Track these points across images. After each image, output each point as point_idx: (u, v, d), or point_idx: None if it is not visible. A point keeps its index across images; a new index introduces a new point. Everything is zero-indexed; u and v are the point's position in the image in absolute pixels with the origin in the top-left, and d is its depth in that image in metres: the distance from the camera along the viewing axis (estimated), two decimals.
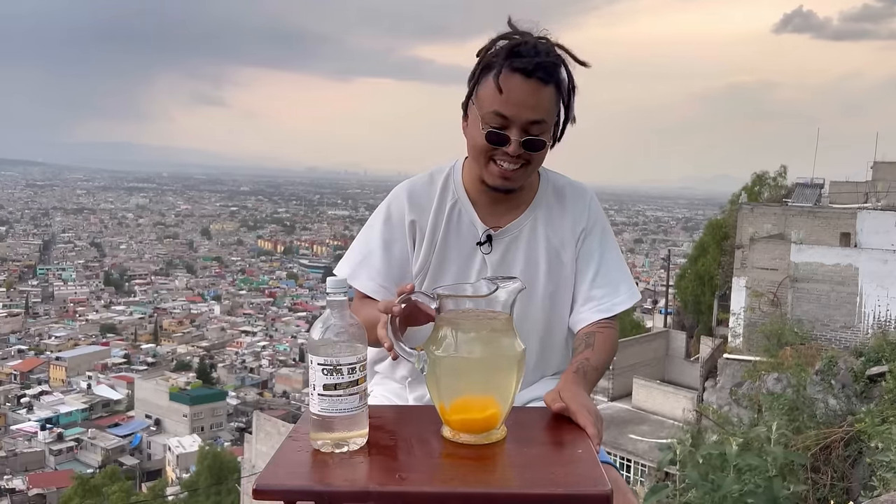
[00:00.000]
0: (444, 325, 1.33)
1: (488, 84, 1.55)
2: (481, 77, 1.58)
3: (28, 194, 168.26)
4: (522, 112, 1.54)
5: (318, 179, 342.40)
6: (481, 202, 1.72)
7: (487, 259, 1.70)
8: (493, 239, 1.71)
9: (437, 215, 1.73)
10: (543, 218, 1.74)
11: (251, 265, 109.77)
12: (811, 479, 4.89)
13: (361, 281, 1.73)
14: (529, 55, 1.53)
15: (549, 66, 1.54)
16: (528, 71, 1.52)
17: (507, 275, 1.63)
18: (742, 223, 23.00)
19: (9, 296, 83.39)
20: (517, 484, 1.23)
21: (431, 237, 1.72)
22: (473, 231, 1.72)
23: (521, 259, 1.71)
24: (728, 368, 16.37)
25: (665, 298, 32.50)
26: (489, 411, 1.32)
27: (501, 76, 1.52)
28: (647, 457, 17.26)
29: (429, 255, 1.72)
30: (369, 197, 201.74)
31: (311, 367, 1.30)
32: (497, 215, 1.72)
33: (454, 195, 1.74)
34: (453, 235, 1.72)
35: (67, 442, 48.33)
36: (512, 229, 1.72)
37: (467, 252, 1.72)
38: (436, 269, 1.72)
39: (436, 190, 1.75)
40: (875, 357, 9.58)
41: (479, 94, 1.59)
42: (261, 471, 1.23)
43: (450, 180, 1.76)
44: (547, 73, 1.54)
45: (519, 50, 1.53)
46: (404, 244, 1.73)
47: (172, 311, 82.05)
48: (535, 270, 1.72)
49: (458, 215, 1.73)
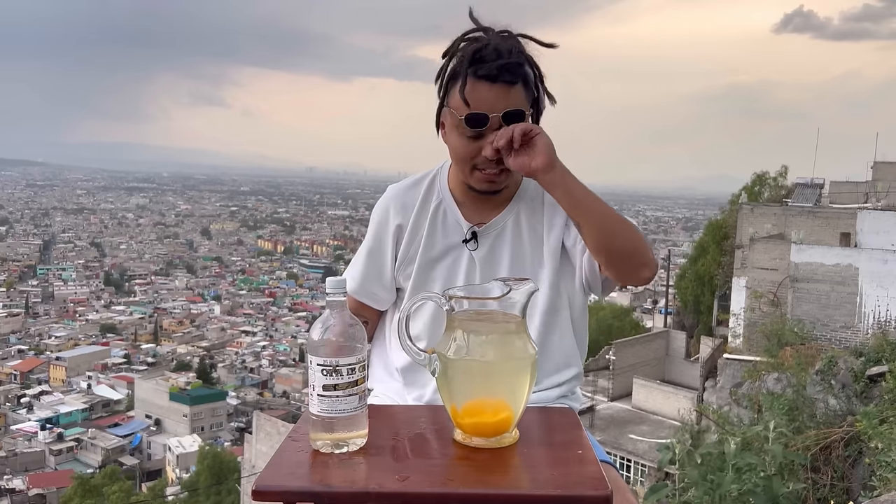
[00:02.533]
0: (455, 328, 1.33)
1: (457, 95, 1.57)
2: (449, 87, 1.61)
3: (28, 194, 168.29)
4: (494, 105, 1.55)
5: (318, 179, 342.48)
6: (466, 202, 1.75)
7: (474, 255, 1.73)
8: (478, 235, 1.74)
9: (420, 214, 1.76)
10: (526, 210, 1.75)
11: (251, 265, 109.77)
12: (811, 478, 4.89)
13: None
14: (491, 59, 1.54)
15: (512, 66, 1.55)
16: (493, 76, 1.54)
17: (494, 269, 1.68)
18: (742, 223, 23.00)
19: (9, 296, 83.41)
20: (517, 485, 1.23)
21: (414, 235, 1.76)
22: (459, 229, 1.75)
23: (507, 253, 1.73)
24: (728, 368, 16.37)
25: (665, 298, 32.52)
26: (501, 415, 1.31)
27: (467, 88, 1.55)
28: (647, 457, 17.27)
29: (414, 254, 1.76)
30: (369, 197, 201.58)
31: (310, 368, 1.30)
32: (481, 212, 1.75)
33: (439, 195, 1.78)
34: (439, 234, 1.75)
35: (67, 442, 48.32)
36: (496, 224, 1.74)
37: (454, 250, 1.75)
38: (423, 267, 1.75)
39: (420, 192, 1.79)
40: (875, 357, 9.58)
41: (450, 104, 1.61)
42: (260, 471, 1.23)
43: (435, 182, 1.80)
44: (512, 74, 1.55)
45: (481, 55, 1.54)
46: (389, 248, 1.78)
47: (172, 311, 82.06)
48: (521, 262, 1.73)
49: (444, 215, 1.76)
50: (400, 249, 1.77)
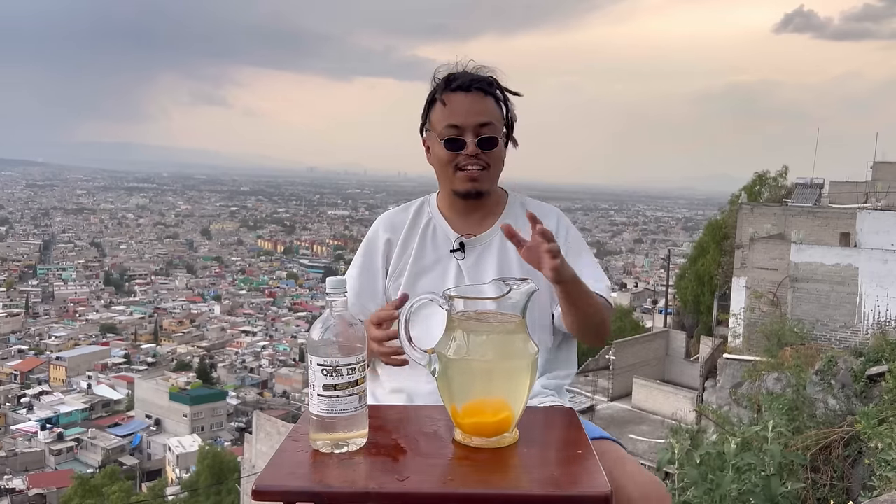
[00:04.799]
0: (456, 328, 1.33)
1: (437, 108, 1.78)
2: (430, 109, 1.81)
3: (28, 194, 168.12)
4: (470, 118, 1.74)
5: (318, 179, 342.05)
6: (453, 217, 1.86)
7: (462, 265, 1.80)
8: (465, 247, 1.82)
9: (410, 231, 1.87)
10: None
11: (251, 265, 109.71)
12: (810, 478, 4.89)
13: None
14: (463, 77, 1.77)
15: (483, 80, 1.78)
16: (466, 86, 1.76)
17: (481, 278, 1.73)
18: (742, 223, 22.98)
19: (9, 296, 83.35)
20: (517, 484, 1.23)
21: (404, 249, 1.84)
22: (448, 242, 1.83)
23: (493, 264, 1.80)
24: (728, 368, 16.35)
25: (665, 298, 32.52)
26: (501, 415, 1.32)
27: (444, 96, 1.76)
28: (646, 457, 17.26)
29: (404, 266, 1.83)
30: (369, 197, 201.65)
31: (310, 368, 1.31)
32: (469, 227, 1.84)
33: (428, 214, 1.89)
34: (429, 246, 1.84)
35: (67, 442, 48.28)
36: (483, 239, 1.83)
37: (442, 259, 1.82)
38: (412, 277, 1.82)
39: (409, 213, 1.90)
40: (875, 357, 9.57)
41: (431, 122, 1.81)
42: (260, 471, 1.23)
43: (424, 205, 1.91)
44: (485, 85, 1.77)
45: (454, 76, 1.78)
46: (380, 264, 1.87)
47: (172, 311, 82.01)
48: (508, 274, 1.76)
49: (433, 230, 1.86)
50: (391, 263, 1.85)
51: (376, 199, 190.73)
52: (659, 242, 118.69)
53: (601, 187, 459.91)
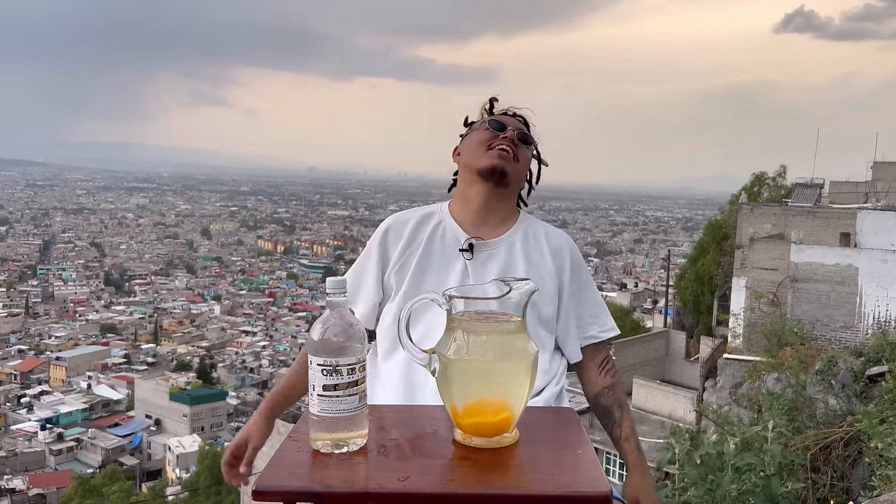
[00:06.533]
0: (456, 328, 1.33)
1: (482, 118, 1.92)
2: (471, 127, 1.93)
3: (28, 194, 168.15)
4: (511, 122, 1.87)
5: (318, 179, 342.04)
6: (465, 223, 1.86)
7: (469, 264, 1.79)
8: (474, 248, 1.81)
9: (419, 225, 1.86)
10: (521, 242, 1.85)
11: (251, 265, 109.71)
12: (811, 478, 4.89)
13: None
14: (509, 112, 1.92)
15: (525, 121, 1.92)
16: (512, 113, 1.91)
17: (486, 279, 1.70)
18: (742, 223, 22.98)
19: (9, 296, 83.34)
20: (516, 485, 1.23)
21: (411, 241, 1.84)
22: (456, 242, 1.83)
23: (499, 266, 1.80)
24: (728, 368, 16.35)
25: (665, 298, 32.51)
26: (501, 415, 1.31)
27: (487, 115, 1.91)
28: (646, 457, 17.25)
29: (409, 261, 1.82)
30: (369, 197, 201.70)
31: (310, 368, 1.31)
32: (479, 232, 1.84)
33: (439, 217, 1.88)
34: (437, 243, 1.83)
35: (67, 442, 48.29)
36: (491, 245, 1.83)
37: (449, 258, 1.82)
38: (418, 270, 1.81)
39: (418, 213, 1.91)
40: (875, 357, 9.58)
41: (473, 128, 1.91)
42: (260, 471, 1.23)
43: (435, 210, 1.91)
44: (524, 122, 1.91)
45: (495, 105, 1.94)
46: (373, 260, 1.86)
47: (172, 311, 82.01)
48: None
49: (443, 231, 1.85)
50: (391, 252, 1.84)
51: (376, 199, 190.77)
52: (659, 242, 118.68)
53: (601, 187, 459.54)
